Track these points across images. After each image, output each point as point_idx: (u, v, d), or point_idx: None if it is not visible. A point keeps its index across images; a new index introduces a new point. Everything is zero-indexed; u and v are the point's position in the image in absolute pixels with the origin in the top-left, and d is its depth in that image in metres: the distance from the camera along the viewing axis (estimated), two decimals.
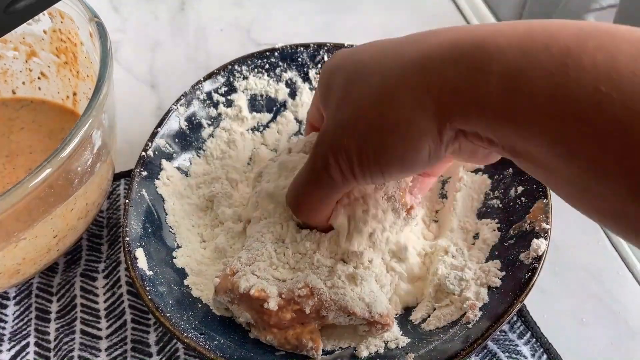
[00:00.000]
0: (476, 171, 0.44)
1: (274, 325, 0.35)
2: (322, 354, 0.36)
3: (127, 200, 0.40)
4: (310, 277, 0.35)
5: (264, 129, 0.49)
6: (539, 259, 0.36)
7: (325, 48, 0.49)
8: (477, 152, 0.31)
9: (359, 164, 0.30)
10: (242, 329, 0.38)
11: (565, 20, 0.25)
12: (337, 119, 0.31)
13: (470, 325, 0.35)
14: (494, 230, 0.40)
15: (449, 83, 0.27)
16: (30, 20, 0.44)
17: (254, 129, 0.49)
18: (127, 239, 0.39)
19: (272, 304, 0.34)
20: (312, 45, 0.49)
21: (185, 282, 0.39)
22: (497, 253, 0.39)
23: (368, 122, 0.30)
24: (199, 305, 0.38)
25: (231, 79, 0.48)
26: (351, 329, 0.37)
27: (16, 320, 0.42)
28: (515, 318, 0.40)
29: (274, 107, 0.49)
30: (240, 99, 0.48)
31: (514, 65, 0.25)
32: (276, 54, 0.49)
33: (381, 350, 0.36)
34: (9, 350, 0.40)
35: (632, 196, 0.23)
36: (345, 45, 0.48)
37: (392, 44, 0.31)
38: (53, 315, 0.42)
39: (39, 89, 0.50)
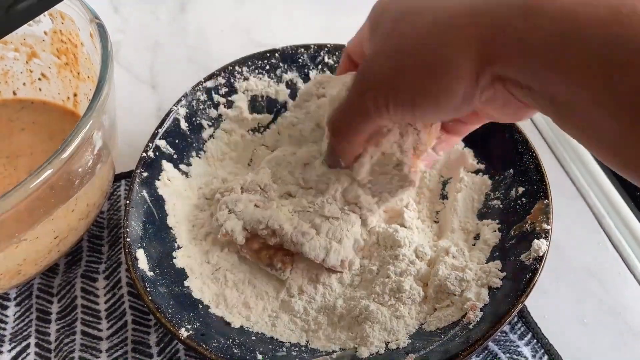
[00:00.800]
0: (477, 172, 0.44)
1: (245, 248, 0.40)
2: (323, 354, 0.36)
3: (127, 201, 0.40)
4: (273, 218, 0.39)
5: (264, 130, 0.49)
6: (539, 259, 0.36)
7: (326, 49, 0.49)
8: (510, 105, 0.31)
9: (393, 98, 0.31)
10: (242, 329, 0.38)
11: None
12: (381, 51, 0.32)
13: (471, 326, 0.35)
14: (495, 231, 0.40)
15: (498, 21, 0.27)
16: (31, 22, 0.44)
17: (254, 130, 0.49)
18: (128, 239, 0.39)
19: (240, 239, 0.39)
20: (312, 46, 0.49)
21: (186, 283, 0.39)
22: (497, 254, 0.39)
23: (409, 57, 0.30)
24: (200, 306, 0.38)
25: (232, 80, 0.48)
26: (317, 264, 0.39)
27: (17, 321, 0.42)
28: (516, 319, 0.40)
29: (274, 108, 0.49)
30: (241, 100, 0.48)
31: (568, 8, 0.25)
32: (277, 55, 0.49)
33: (382, 351, 0.36)
34: (9, 351, 0.40)
35: None
36: (346, 46, 0.48)
37: None
38: (54, 316, 0.42)
39: (40, 90, 0.50)
